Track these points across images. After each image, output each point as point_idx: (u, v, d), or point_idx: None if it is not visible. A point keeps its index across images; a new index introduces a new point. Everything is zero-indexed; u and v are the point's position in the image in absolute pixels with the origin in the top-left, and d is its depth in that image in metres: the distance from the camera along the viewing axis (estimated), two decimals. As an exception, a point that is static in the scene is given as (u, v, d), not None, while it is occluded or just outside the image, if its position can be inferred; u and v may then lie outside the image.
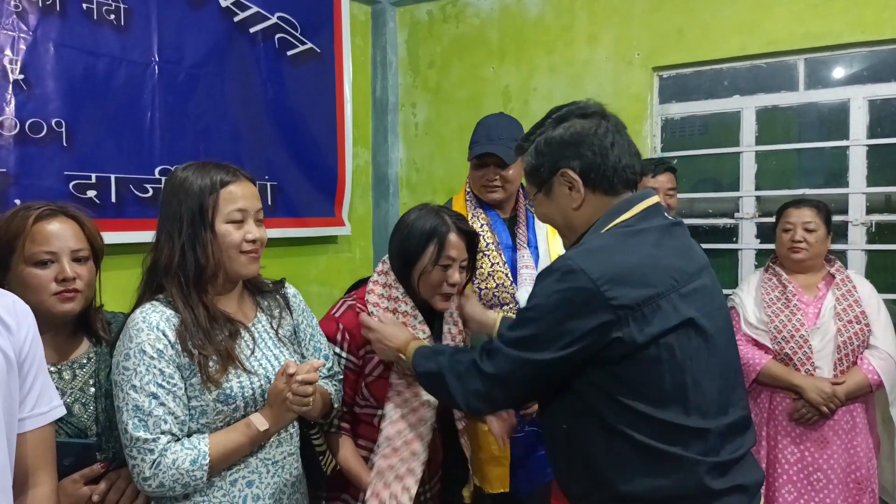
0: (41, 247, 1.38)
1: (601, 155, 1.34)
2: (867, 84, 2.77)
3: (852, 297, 2.27)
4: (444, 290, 1.72)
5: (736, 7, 2.87)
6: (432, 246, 1.68)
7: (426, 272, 1.69)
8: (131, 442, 1.30)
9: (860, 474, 2.23)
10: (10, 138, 2.07)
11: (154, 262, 1.44)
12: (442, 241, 1.68)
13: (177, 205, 1.42)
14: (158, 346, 1.33)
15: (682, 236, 1.38)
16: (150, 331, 1.34)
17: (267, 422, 1.41)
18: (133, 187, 2.39)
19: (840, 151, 2.85)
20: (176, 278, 1.40)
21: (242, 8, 2.78)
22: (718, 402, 1.26)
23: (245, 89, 2.79)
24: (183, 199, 1.42)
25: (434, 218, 1.71)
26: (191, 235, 1.41)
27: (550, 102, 3.29)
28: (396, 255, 1.75)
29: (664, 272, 1.24)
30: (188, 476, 1.32)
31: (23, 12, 2.09)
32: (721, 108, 3.05)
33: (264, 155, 2.88)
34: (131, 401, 1.30)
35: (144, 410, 1.30)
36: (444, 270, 1.70)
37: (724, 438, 1.25)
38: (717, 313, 1.32)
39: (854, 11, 2.67)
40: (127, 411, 1.31)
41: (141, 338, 1.33)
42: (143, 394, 1.31)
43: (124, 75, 2.35)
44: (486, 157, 2.18)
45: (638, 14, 3.06)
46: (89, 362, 1.48)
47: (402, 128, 3.72)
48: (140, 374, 1.31)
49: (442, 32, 3.58)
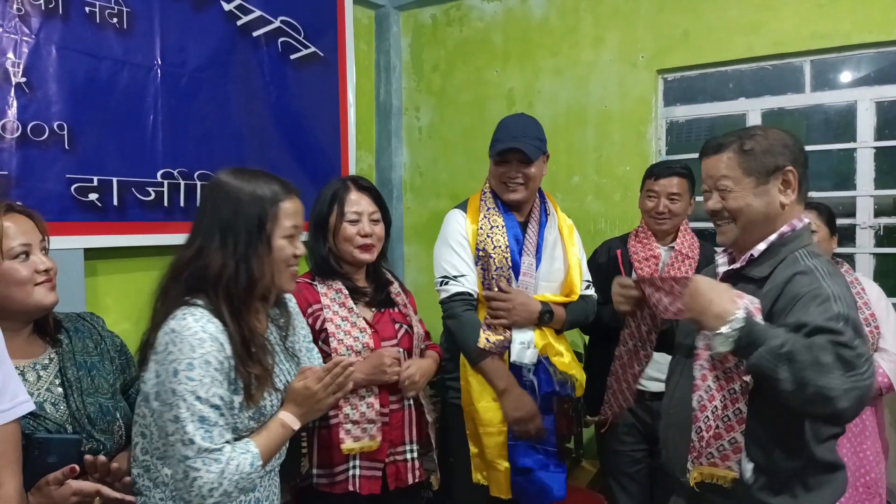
0: (15, 240, 1.38)
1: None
2: (874, 86, 2.75)
3: (861, 299, 2.25)
4: (358, 243, 1.93)
5: (741, 8, 2.85)
6: (336, 205, 1.94)
7: (338, 230, 1.92)
8: (196, 453, 1.28)
9: (869, 478, 2.20)
10: (13, 141, 2.06)
11: (201, 269, 1.39)
12: (343, 199, 1.94)
13: (230, 213, 1.40)
14: (220, 358, 1.32)
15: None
16: (213, 342, 1.32)
17: (298, 420, 1.46)
18: (135, 190, 2.38)
19: (847, 154, 2.83)
20: (226, 291, 1.38)
21: (245, 12, 2.77)
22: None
23: (248, 93, 2.78)
24: (238, 208, 1.40)
25: (335, 182, 2.01)
26: (246, 248, 1.40)
27: (555, 105, 3.32)
28: (312, 225, 1.98)
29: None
30: (247, 480, 1.33)
31: (25, 15, 2.09)
32: (727, 110, 3.03)
33: (267, 158, 2.87)
34: (197, 411, 1.28)
35: (210, 421, 1.30)
36: (354, 224, 1.93)
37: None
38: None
39: (861, 12, 2.65)
40: (192, 422, 1.28)
41: (205, 348, 1.31)
42: (208, 404, 1.30)
43: (127, 78, 2.34)
44: (509, 154, 2.14)
45: (643, 16, 3.05)
46: (52, 363, 1.47)
47: (405, 131, 3.71)
48: (206, 384, 1.30)
49: (446, 36, 3.58)
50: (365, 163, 3.59)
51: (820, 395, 1.24)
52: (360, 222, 1.94)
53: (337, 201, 1.95)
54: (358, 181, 2.01)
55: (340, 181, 2.03)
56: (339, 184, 2.01)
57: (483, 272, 2.10)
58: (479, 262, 2.10)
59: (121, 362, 1.63)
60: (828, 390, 1.23)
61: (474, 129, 3.48)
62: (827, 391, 1.23)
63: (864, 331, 1.34)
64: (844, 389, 1.23)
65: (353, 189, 1.98)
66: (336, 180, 2.04)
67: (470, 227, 2.14)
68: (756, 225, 1.50)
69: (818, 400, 1.25)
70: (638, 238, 2.42)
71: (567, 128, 3.20)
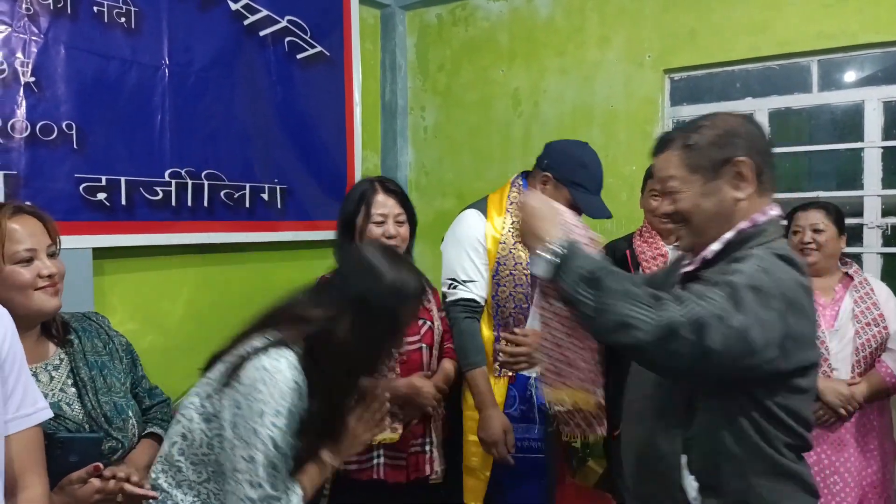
0: (20, 244, 1.37)
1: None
2: (882, 85, 2.74)
3: (870, 299, 2.25)
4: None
5: (748, 8, 2.84)
6: (364, 206, 1.97)
7: (364, 230, 1.96)
8: (261, 498, 1.30)
9: (875, 479, 2.20)
10: (21, 141, 2.07)
11: (325, 333, 1.39)
12: (370, 200, 1.97)
13: (378, 307, 1.41)
14: (301, 413, 1.35)
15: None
16: (301, 398, 1.35)
17: (337, 458, 1.48)
18: (143, 190, 2.39)
19: (854, 154, 2.82)
20: (332, 359, 1.39)
21: (252, 11, 2.78)
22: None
23: (254, 92, 2.79)
24: (391, 303, 1.42)
25: (363, 183, 2.05)
26: (376, 339, 1.44)
27: (561, 105, 3.32)
28: (340, 224, 2.04)
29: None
30: None
31: (34, 15, 2.10)
32: (733, 109, 2.99)
33: (273, 158, 2.88)
34: (272, 458, 1.31)
35: (279, 468, 1.32)
36: (379, 226, 1.96)
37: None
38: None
39: (868, 11, 2.64)
40: (265, 467, 1.30)
41: (294, 399, 1.33)
42: (282, 453, 1.32)
43: (135, 78, 2.35)
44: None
45: (649, 15, 3.05)
46: (62, 363, 1.47)
47: (411, 131, 3.71)
48: (284, 435, 1.32)
49: (451, 36, 3.57)
50: (370, 162, 3.59)
51: (621, 322, 1.17)
52: (386, 224, 1.98)
53: (364, 202, 1.99)
54: (385, 183, 2.05)
55: (368, 182, 2.06)
56: (366, 185, 2.05)
57: (495, 276, 2.13)
58: (497, 265, 2.12)
59: (128, 361, 1.64)
60: (629, 318, 1.16)
61: (480, 129, 3.48)
62: (632, 319, 1.16)
63: (748, 307, 1.17)
64: (649, 320, 1.16)
65: (380, 191, 2.01)
66: (364, 181, 2.08)
67: (489, 229, 2.16)
68: (711, 225, 1.33)
69: (621, 326, 1.17)
70: (643, 237, 2.42)
71: (573, 127, 3.19)
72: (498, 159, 3.41)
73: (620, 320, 1.17)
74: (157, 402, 1.69)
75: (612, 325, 1.18)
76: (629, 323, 1.16)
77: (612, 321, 1.18)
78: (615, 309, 1.18)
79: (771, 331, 1.18)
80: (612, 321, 1.18)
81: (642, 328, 1.16)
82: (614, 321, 1.18)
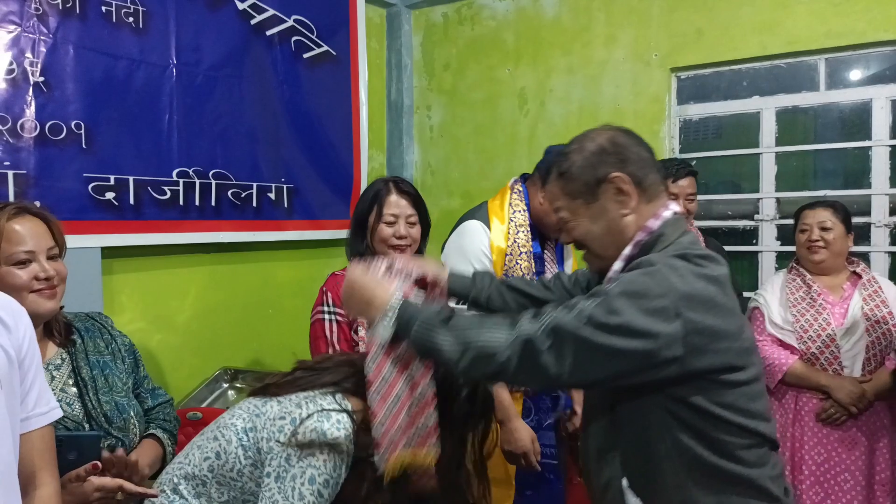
0: (19, 246, 1.37)
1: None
2: (890, 84, 2.73)
3: (879, 297, 2.25)
4: (392, 243, 1.96)
5: (755, 6, 2.84)
6: (376, 205, 1.97)
7: (376, 229, 1.96)
8: None
9: (884, 476, 2.20)
10: (31, 140, 2.08)
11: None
12: (383, 200, 1.97)
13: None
14: (339, 479, 1.35)
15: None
16: (345, 467, 1.35)
17: None
18: (151, 189, 2.39)
19: (862, 152, 2.81)
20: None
21: (259, 11, 2.78)
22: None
23: (262, 92, 2.79)
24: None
25: (378, 183, 2.04)
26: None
27: (567, 104, 3.31)
28: (353, 222, 2.04)
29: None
30: None
31: (43, 15, 2.10)
32: (740, 108, 3.01)
33: (280, 157, 2.89)
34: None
35: None
36: (391, 226, 1.96)
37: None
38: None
39: (876, 10, 2.63)
40: None
41: (341, 473, 1.34)
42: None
43: (143, 77, 2.36)
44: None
45: (656, 14, 3.04)
46: (64, 363, 1.48)
47: (417, 130, 3.71)
48: (321, 491, 1.31)
49: (457, 35, 3.57)
50: (376, 161, 3.59)
51: (483, 351, 1.17)
52: (397, 224, 1.98)
53: (377, 202, 1.99)
54: (399, 184, 2.05)
55: (383, 182, 2.06)
56: (381, 184, 2.05)
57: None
58: (504, 276, 2.13)
59: (130, 361, 1.64)
60: (490, 346, 1.16)
61: (486, 128, 3.48)
62: (489, 347, 1.16)
63: (623, 312, 1.14)
64: (503, 340, 1.16)
65: (393, 191, 2.01)
66: (379, 180, 2.07)
67: (494, 240, 2.17)
68: (608, 246, 1.31)
69: (482, 357, 1.17)
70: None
71: (580, 127, 3.12)
72: (504, 158, 3.41)
73: (482, 350, 1.17)
74: (160, 403, 1.68)
75: (476, 356, 1.18)
76: (488, 351, 1.17)
77: (475, 353, 1.18)
78: (475, 339, 1.19)
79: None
80: (475, 353, 1.18)
81: (499, 349, 1.16)
82: (476, 352, 1.18)
